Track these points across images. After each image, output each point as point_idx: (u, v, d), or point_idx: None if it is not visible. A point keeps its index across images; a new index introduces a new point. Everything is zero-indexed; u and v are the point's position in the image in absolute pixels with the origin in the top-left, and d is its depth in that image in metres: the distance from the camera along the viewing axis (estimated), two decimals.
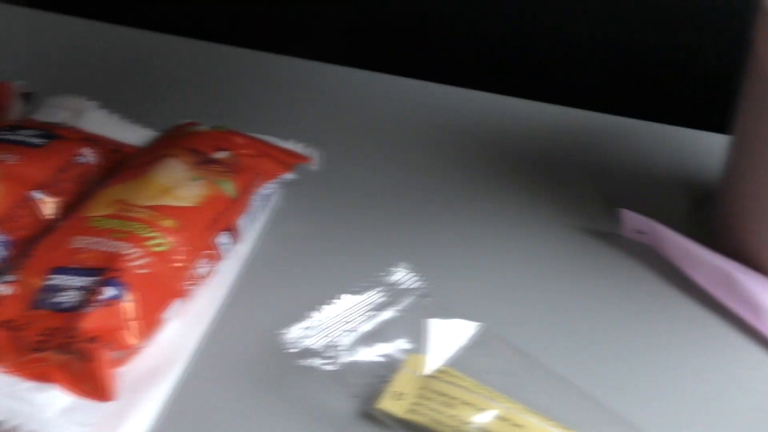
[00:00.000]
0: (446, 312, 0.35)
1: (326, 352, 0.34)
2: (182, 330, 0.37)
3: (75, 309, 0.33)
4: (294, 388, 0.34)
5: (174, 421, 0.33)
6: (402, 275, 0.37)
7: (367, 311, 0.36)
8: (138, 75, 0.57)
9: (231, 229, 0.40)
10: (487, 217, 0.44)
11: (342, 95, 0.54)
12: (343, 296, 0.36)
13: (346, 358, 0.34)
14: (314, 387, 0.34)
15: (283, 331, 0.34)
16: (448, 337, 0.34)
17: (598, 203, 0.45)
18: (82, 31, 0.62)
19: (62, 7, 0.67)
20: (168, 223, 0.37)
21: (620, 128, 0.51)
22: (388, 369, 0.34)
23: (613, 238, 0.43)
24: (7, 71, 0.50)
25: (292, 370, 0.35)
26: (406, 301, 0.37)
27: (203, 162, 0.41)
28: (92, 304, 0.33)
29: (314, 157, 0.46)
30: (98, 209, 0.38)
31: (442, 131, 0.51)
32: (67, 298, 0.34)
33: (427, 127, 0.51)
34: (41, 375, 0.32)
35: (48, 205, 0.40)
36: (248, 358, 0.36)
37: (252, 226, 0.42)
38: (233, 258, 0.41)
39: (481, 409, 0.32)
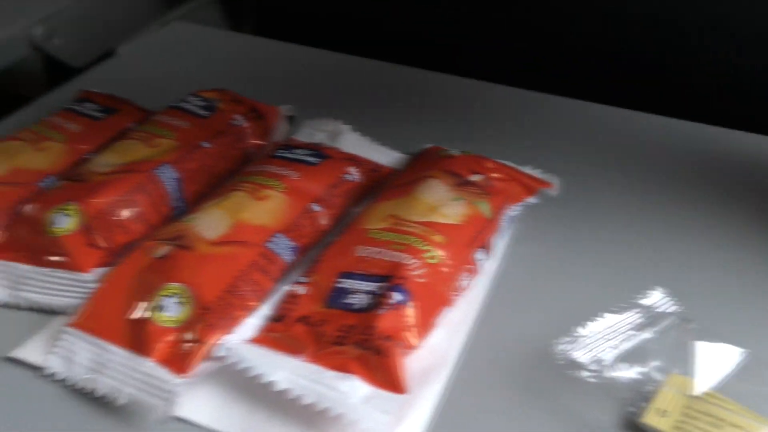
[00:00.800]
0: (708, 336, 0.37)
1: (591, 365, 0.36)
2: (447, 336, 0.40)
3: (367, 310, 0.37)
4: (558, 397, 0.37)
5: (445, 417, 0.37)
6: (658, 298, 0.39)
7: (627, 330, 0.38)
8: (374, 101, 0.62)
9: (486, 247, 0.43)
10: (739, 246, 0.46)
11: (576, 126, 0.57)
12: (605, 314, 0.38)
13: (609, 373, 0.36)
14: (578, 398, 0.36)
15: (553, 342, 0.37)
16: (712, 360, 0.36)
17: None
18: (313, 58, 0.68)
19: (282, 34, 0.74)
20: (438, 238, 0.41)
21: None
22: (647, 386, 0.36)
23: None
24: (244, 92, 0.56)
25: (556, 379, 0.37)
26: (664, 323, 0.38)
27: (461, 184, 0.45)
28: (384, 307, 0.37)
29: (554, 183, 0.48)
30: (374, 223, 0.42)
31: (680, 163, 0.53)
32: (358, 300, 0.38)
33: (664, 159, 0.53)
34: (340, 366, 0.36)
35: (323, 217, 0.45)
36: (508, 365, 0.39)
37: (499, 245, 0.46)
38: (484, 273, 0.44)
39: None
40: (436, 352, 0.39)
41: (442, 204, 0.43)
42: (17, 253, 0.42)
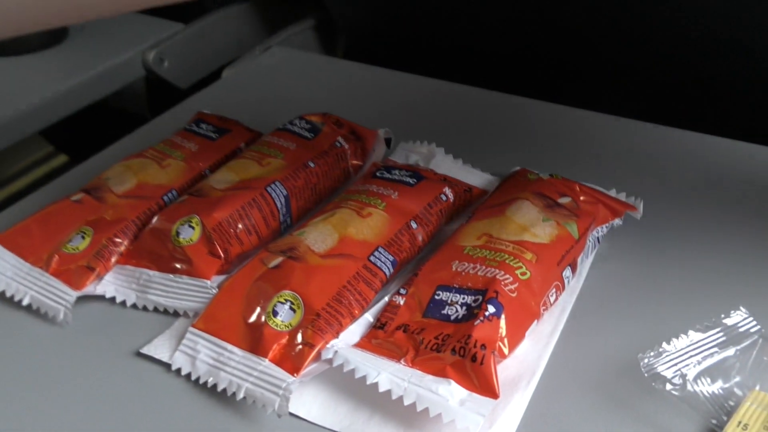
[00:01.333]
0: None
1: (675, 379, 0.39)
2: (535, 347, 0.43)
3: (464, 320, 0.40)
4: (641, 408, 0.39)
5: (533, 423, 0.39)
6: (740, 318, 0.41)
7: (710, 347, 0.40)
8: (461, 124, 0.65)
9: (573, 265, 0.46)
10: None
11: (657, 150, 0.59)
12: (688, 332, 0.41)
13: (692, 387, 0.39)
14: (662, 409, 0.39)
15: (637, 356, 0.40)
16: None
17: None
18: (401, 81, 0.72)
19: (369, 57, 0.78)
20: (529, 256, 0.44)
21: None
22: (729, 401, 0.38)
23: None
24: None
25: (639, 391, 0.40)
26: (746, 342, 0.40)
27: (551, 206, 0.47)
28: (479, 318, 0.40)
29: (639, 207, 0.50)
30: (469, 240, 0.45)
31: (762, 187, 0.54)
32: (454, 311, 0.41)
33: (746, 184, 0.55)
34: (438, 371, 0.39)
35: (419, 234, 0.48)
36: (593, 376, 0.41)
37: (584, 264, 0.48)
38: (571, 289, 0.47)
39: None
40: (524, 362, 0.42)
41: (532, 224, 0.46)
42: (145, 260, 0.47)
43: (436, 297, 0.42)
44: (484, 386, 0.38)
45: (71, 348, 0.45)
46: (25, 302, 0.46)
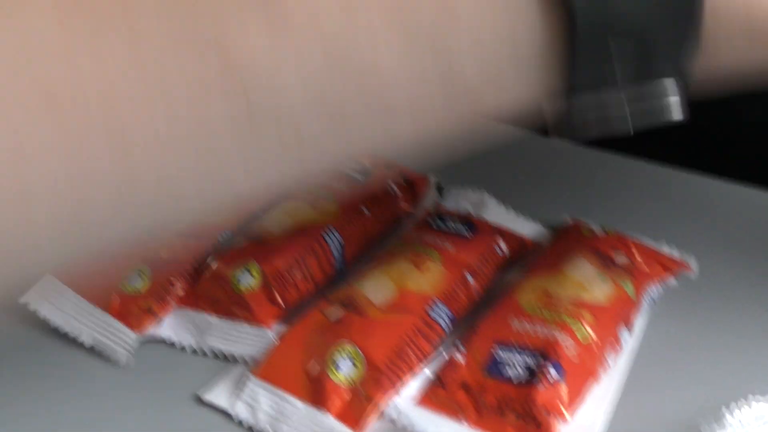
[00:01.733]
0: None
1: None
2: (594, 411, 0.43)
3: (526, 383, 0.41)
4: None
5: None
6: None
7: None
8: (510, 172, 0.65)
9: (629, 326, 0.46)
10: None
11: (705, 205, 0.59)
12: (750, 401, 0.41)
13: None
14: None
15: (698, 424, 0.40)
16: None
17: None
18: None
19: None
20: (588, 317, 0.44)
21: None
22: None
23: None
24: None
25: None
26: None
27: (607, 263, 0.48)
28: (542, 382, 0.40)
29: (692, 266, 0.51)
30: (526, 297, 0.46)
31: None
32: (514, 372, 0.42)
33: None
34: None
35: (475, 287, 0.49)
36: None
37: (640, 324, 0.48)
38: (627, 351, 0.47)
39: None
40: (583, 426, 0.42)
41: (590, 283, 0.46)
42: (204, 303, 0.48)
43: (496, 356, 0.43)
44: None
45: (129, 390, 0.45)
46: (86, 342, 0.46)
